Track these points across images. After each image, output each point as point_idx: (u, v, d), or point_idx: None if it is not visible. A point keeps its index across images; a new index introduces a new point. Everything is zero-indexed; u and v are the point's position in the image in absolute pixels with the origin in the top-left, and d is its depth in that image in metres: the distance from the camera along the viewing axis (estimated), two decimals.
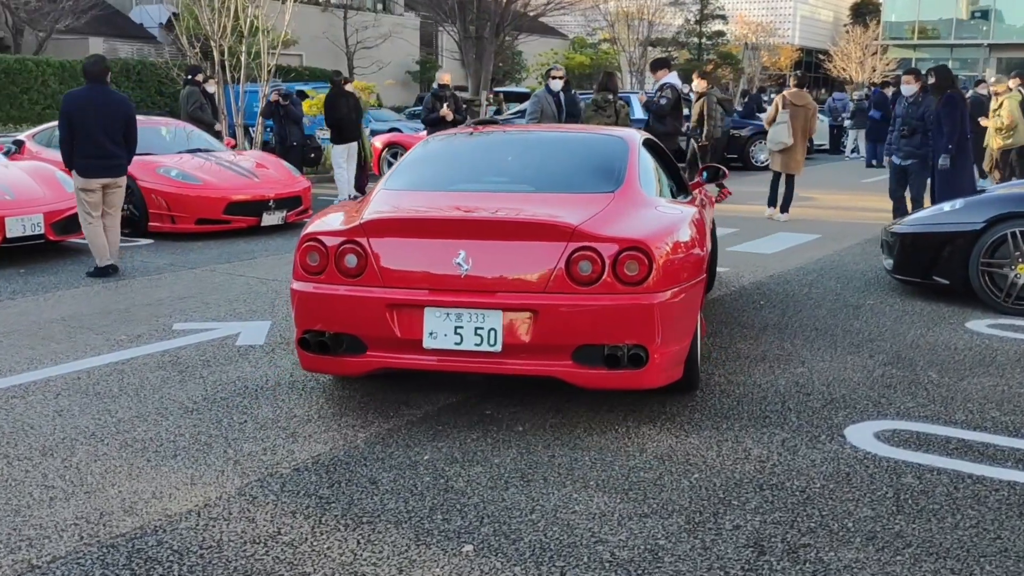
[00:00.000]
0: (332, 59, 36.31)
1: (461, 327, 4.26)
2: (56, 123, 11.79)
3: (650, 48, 38.19)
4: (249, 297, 7.35)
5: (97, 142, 8.05)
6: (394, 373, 4.97)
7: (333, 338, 4.48)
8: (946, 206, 7.35)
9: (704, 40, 54.59)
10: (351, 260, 4.41)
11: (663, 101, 11.25)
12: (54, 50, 29.00)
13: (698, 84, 13.36)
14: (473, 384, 5.11)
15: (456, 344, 4.27)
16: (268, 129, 13.19)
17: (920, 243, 7.24)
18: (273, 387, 5.14)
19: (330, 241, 4.47)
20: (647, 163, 5.46)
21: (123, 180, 8.33)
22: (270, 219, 10.63)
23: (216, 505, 3.67)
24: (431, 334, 4.29)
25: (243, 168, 10.95)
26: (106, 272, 8.21)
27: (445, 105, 13.24)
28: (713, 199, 7.30)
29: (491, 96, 21.38)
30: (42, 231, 8.81)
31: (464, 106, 14.54)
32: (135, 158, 10.49)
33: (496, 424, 4.55)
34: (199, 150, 11.40)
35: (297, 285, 4.59)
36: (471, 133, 6.32)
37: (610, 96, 11.35)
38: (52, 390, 5.08)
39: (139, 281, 8.03)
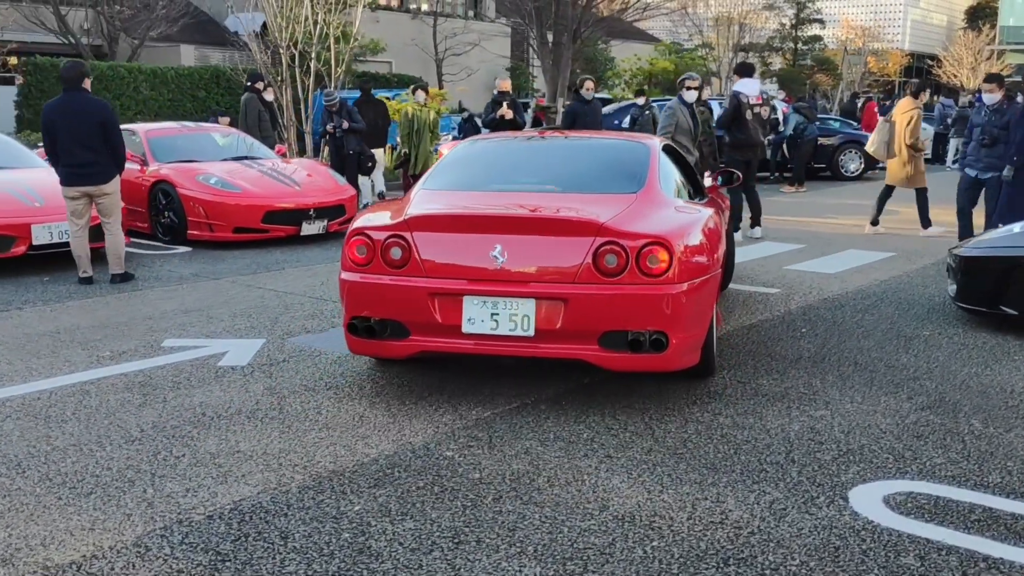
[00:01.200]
0: (421, 66, 36.31)
1: (497, 314, 4.59)
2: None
3: (740, 53, 36.97)
4: (256, 311, 7.01)
5: (72, 150, 7.84)
6: (380, 398, 4.53)
7: (379, 323, 4.82)
8: (1016, 227, 6.55)
9: (800, 45, 52.81)
10: (396, 252, 4.76)
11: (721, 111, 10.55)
12: (147, 57, 29.63)
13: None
14: (445, 423, 4.63)
15: (492, 329, 4.60)
16: (328, 136, 12.95)
17: (986, 268, 6.46)
18: (232, 415, 4.75)
19: (377, 235, 4.81)
20: (666, 167, 5.77)
21: (110, 187, 8.04)
22: (310, 228, 10.34)
23: (101, 558, 3.27)
24: (469, 320, 4.61)
25: (285, 176, 10.70)
26: (87, 282, 8.08)
27: (504, 104, 12.90)
28: (727, 201, 7.49)
29: (567, 103, 20.87)
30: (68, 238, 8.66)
31: (539, 112, 14.19)
32: (176, 165, 10.46)
33: (452, 470, 4.05)
34: (245, 157, 11.19)
35: (346, 275, 4.92)
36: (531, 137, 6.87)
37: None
38: (3, 412, 4.79)
39: (154, 292, 7.79)
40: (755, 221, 10.87)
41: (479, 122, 16.27)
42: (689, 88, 10.50)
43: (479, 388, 5.14)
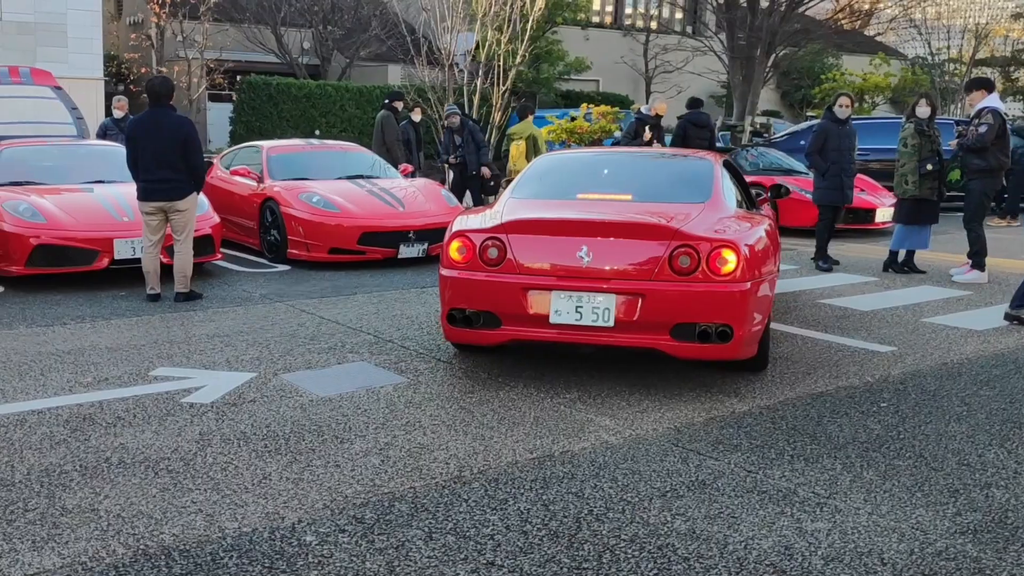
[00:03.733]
0: (631, 84, 35.54)
1: (581, 307, 5.12)
2: (246, 145, 11.91)
3: (974, 69, 33.47)
4: (279, 341, 6.53)
5: (152, 165, 7.69)
6: (308, 456, 3.86)
7: (474, 314, 5.35)
8: None
9: None
10: (493, 252, 5.31)
11: (982, 129, 8.96)
12: (357, 76, 30.57)
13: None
14: (333, 503, 3.88)
15: (576, 320, 5.13)
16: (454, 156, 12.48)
17: None
18: (134, 464, 4.21)
19: (476, 237, 5.38)
20: (727, 181, 6.31)
21: (184, 204, 7.83)
22: (408, 251, 9.84)
23: None
24: (556, 312, 5.15)
25: (391, 196, 10.25)
26: (155, 299, 7.91)
27: (648, 129, 11.92)
28: (773, 213, 7.67)
29: (756, 122, 19.48)
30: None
31: (725, 132, 13.14)
32: (286, 182, 10.27)
33: (304, 558, 3.30)
34: (360, 176, 10.86)
35: (445, 272, 5.49)
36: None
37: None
38: None
39: (204, 314, 7.49)
40: (977, 264, 9.37)
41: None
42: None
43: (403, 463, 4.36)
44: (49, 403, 5.09)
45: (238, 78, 27.59)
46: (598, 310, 5.11)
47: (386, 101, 13.50)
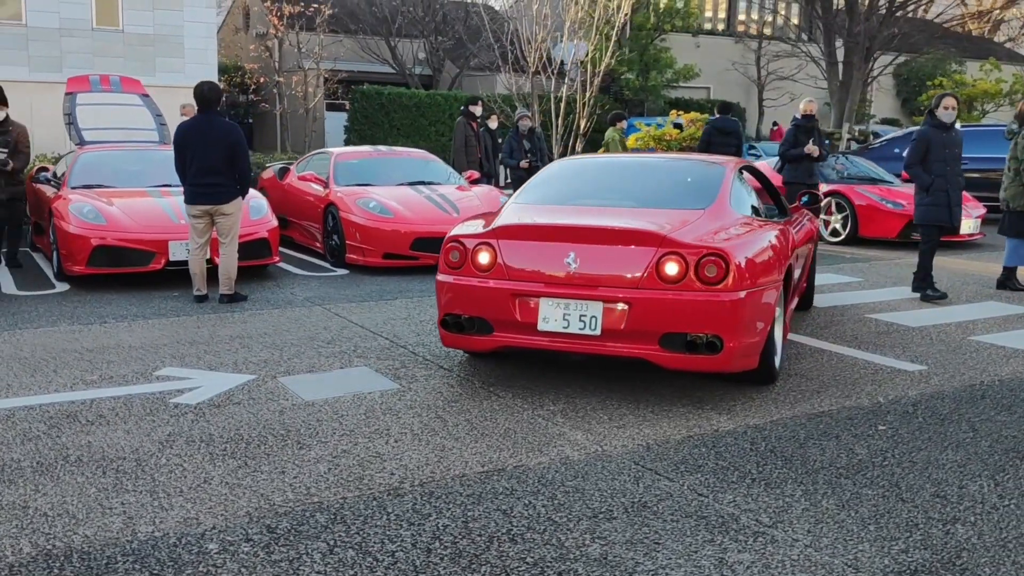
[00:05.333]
0: (742, 91, 34.72)
1: (568, 314, 5.07)
2: (319, 151, 12.15)
3: None
4: (296, 344, 6.59)
5: (199, 169, 7.88)
6: (256, 461, 3.88)
7: (467, 320, 5.37)
8: None
9: None
10: (484, 258, 5.32)
11: None
12: (467, 85, 30.85)
13: None
14: (249, 511, 3.85)
15: (564, 328, 5.08)
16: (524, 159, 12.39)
17: None
18: (91, 461, 4.30)
19: (468, 243, 5.39)
20: (741, 187, 6.12)
21: (230, 208, 8.02)
22: None
23: None
24: (544, 319, 5.11)
25: (447, 202, 10.25)
26: (202, 300, 8.10)
27: (811, 141, 11.43)
28: (815, 222, 7.66)
29: (854, 129, 18.66)
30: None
31: (827, 140, 12.61)
32: (348, 188, 10.42)
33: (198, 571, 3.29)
34: (421, 182, 10.92)
35: (441, 277, 5.52)
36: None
37: None
38: None
39: (243, 315, 7.64)
40: None
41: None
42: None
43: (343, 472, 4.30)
44: (44, 399, 5.26)
45: (351, 88, 28.24)
46: (585, 318, 5.04)
47: (463, 108, 13.53)
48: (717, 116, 13.14)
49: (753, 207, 6.13)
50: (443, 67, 31.09)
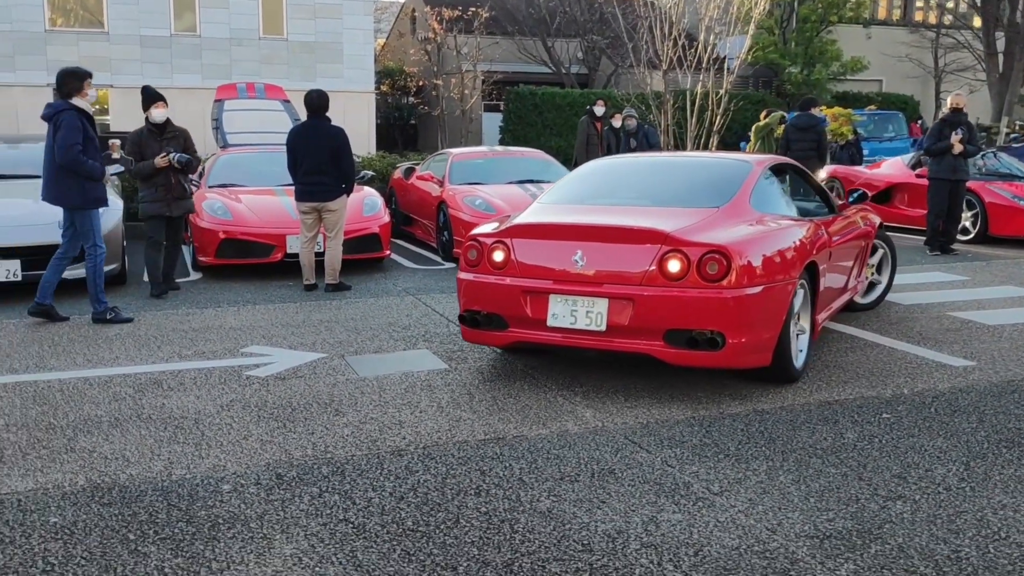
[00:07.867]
0: (918, 84, 33.39)
1: (576, 310, 5.30)
2: (439, 152, 12.88)
3: None
4: (372, 329, 7.23)
5: (308, 169, 8.63)
6: (296, 425, 4.54)
7: (484, 316, 5.66)
8: None
9: None
10: (498, 256, 5.61)
11: None
12: (624, 83, 31.11)
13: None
14: (262, 463, 4.45)
15: (571, 324, 5.31)
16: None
17: None
18: (151, 420, 5.03)
19: (485, 241, 5.69)
20: (766, 185, 6.19)
21: (335, 204, 8.77)
22: None
23: None
24: (553, 315, 5.37)
25: None
26: (311, 289, 8.84)
27: (954, 134, 11.26)
28: (872, 220, 7.58)
29: (1015, 123, 17.77)
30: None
31: (981, 134, 12.29)
32: (459, 186, 11.08)
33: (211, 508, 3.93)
34: (531, 181, 11.42)
35: (461, 275, 5.83)
36: None
37: None
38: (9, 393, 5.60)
39: (342, 302, 8.37)
40: None
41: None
42: None
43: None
44: (140, 369, 6.09)
45: (507, 89, 29.05)
46: (591, 314, 5.25)
47: (588, 107, 13.96)
48: (796, 113, 12.98)
49: (782, 205, 6.19)
50: (599, 65, 31.47)
